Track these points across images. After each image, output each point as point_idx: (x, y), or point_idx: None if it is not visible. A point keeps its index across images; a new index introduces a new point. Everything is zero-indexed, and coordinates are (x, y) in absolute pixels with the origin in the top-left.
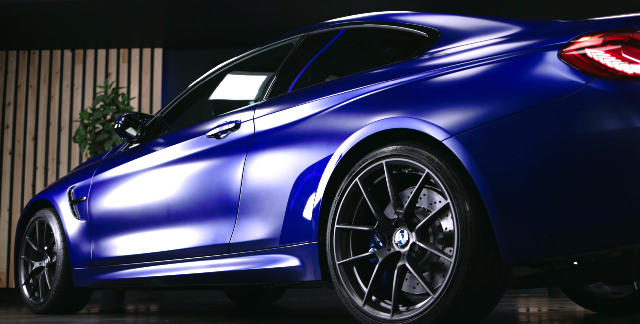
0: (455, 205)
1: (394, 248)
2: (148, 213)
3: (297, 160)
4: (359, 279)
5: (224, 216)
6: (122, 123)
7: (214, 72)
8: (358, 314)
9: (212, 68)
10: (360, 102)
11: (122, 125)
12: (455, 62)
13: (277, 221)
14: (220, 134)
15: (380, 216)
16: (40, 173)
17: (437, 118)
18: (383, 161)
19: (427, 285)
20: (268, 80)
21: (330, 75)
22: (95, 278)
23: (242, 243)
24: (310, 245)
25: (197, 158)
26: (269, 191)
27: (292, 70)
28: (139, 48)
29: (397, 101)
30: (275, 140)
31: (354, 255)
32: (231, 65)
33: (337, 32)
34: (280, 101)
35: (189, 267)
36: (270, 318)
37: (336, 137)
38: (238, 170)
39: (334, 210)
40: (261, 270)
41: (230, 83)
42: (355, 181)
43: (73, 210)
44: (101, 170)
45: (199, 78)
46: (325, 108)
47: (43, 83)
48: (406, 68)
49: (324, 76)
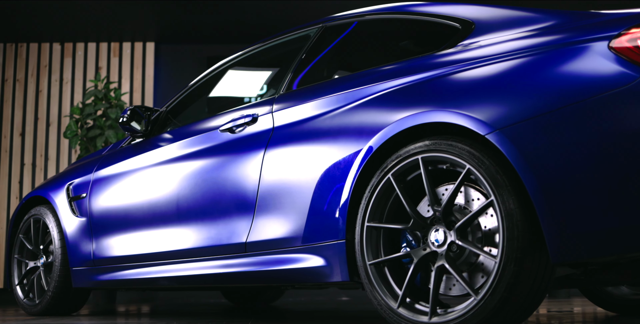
0: (500, 202)
1: (430, 247)
2: (156, 210)
3: (322, 155)
4: (391, 280)
5: (239, 213)
6: (128, 117)
7: (222, 64)
8: (392, 316)
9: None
10: (391, 94)
11: (127, 118)
12: (494, 53)
13: (300, 219)
14: (235, 128)
15: (415, 214)
16: (28, 169)
17: (478, 112)
18: (419, 156)
19: (469, 286)
20: (284, 73)
21: (351, 68)
22: (96, 278)
23: (260, 242)
24: (337, 244)
25: (209, 153)
26: (291, 187)
27: (310, 63)
28: (131, 42)
29: (431, 94)
30: (296, 134)
31: (385, 254)
32: (241, 57)
33: (357, 24)
34: (300, 94)
35: (200, 267)
36: (274, 319)
37: (366, 131)
38: (256, 166)
39: (363, 207)
40: (281, 270)
41: (239, 77)
42: (387, 178)
43: (72, 207)
44: (103, 166)
45: (206, 71)
46: (353, 101)
47: (31, 77)
48: (439, 60)
49: (345, 69)
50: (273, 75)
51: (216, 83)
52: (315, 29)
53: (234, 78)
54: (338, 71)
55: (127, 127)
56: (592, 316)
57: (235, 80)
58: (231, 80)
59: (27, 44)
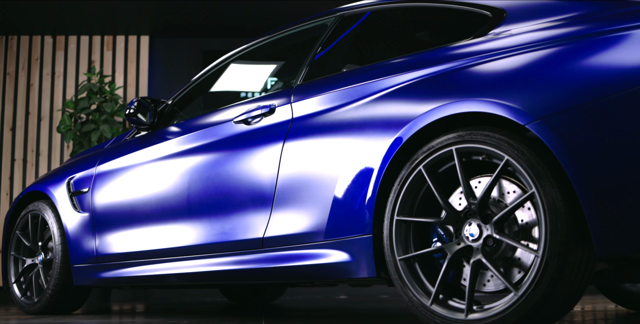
0: (542, 195)
1: (464, 241)
2: (165, 205)
3: (346, 146)
4: (422, 276)
5: (256, 208)
6: (135, 108)
7: (231, 56)
8: (424, 313)
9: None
10: (421, 84)
11: (134, 110)
12: (528, 42)
13: (322, 214)
14: (250, 119)
15: (449, 208)
16: (19, 165)
17: (517, 101)
18: (453, 147)
19: (508, 282)
20: (300, 63)
21: (371, 58)
22: (99, 276)
23: (278, 237)
24: (363, 238)
25: (222, 145)
26: (312, 180)
27: (328, 53)
28: (124, 35)
29: (465, 83)
30: (318, 125)
31: (415, 249)
32: (251, 48)
33: (377, 13)
34: (320, 84)
35: (213, 263)
36: (284, 318)
37: (394, 121)
38: (274, 158)
39: (392, 200)
40: (301, 266)
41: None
42: (418, 170)
43: (73, 202)
44: (106, 160)
45: (214, 62)
46: (379, 91)
47: (22, 70)
48: (471, 48)
49: (365, 59)
50: (283, 66)
51: (224, 74)
52: (332, 18)
53: (243, 70)
54: (357, 61)
55: (133, 119)
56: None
57: (244, 72)
58: (240, 72)
59: (17, 36)
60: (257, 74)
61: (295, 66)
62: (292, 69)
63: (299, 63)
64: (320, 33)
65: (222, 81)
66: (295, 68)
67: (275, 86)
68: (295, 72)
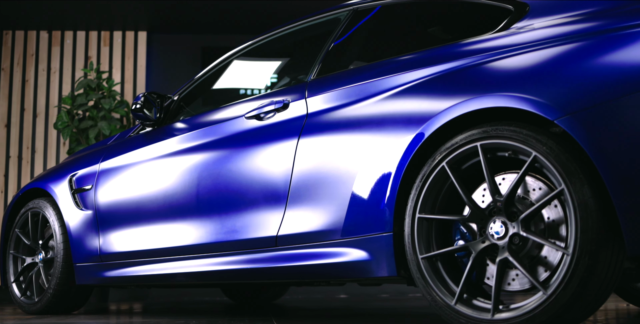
0: (572, 192)
1: (489, 239)
2: (173, 202)
3: (365, 142)
4: (445, 275)
5: (269, 205)
6: (142, 103)
7: (239, 50)
8: (449, 313)
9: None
10: (442, 79)
11: (141, 105)
12: (554, 36)
13: (339, 211)
14: (262, 115)
15: (473, 205)
16: (14, 162)
17: (545, 96)
18: (477, 143)
19: (536, 281)
20: (314, 58)
21: (387, 53)
22: (102, 275)
23: (292, 236)
24: (382, 236)
25: (233, 142)
26: (329, 177)
27: (343, 47)
28: (122, 31)
29: (489, 78)
30: (334, 121)
31: (437, 247)
32: (260, 43)
33: (393, 6)
34: (335, 79)
35: (223, 262)
36: (289, 317)
37: (415, 117)
38: (288, 154)
39: (414, 198)
40: (317, 265)
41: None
42: (441, 166)
43: (75, 199)
44: (110, 156)
45: (221, 57)
46: (398, 86)
47: (17, 66)
48: (493, 42)
49: (381, 53)
50: (293, 61)
51: (231, 70)
52: (345, 12)
53: (250, 65)
54: (373, 56)
55: (140, 114)
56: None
57: (252, 68)
58: (247, 67)
59: (12, 31)
60: (265, 70)
61: (306, 61)
62: (303, 64)
63: (310, 59)
64: (333, 27)
65: (229, 77)
66: (306, 64)
67: (282, 82)
68: (306, 67)
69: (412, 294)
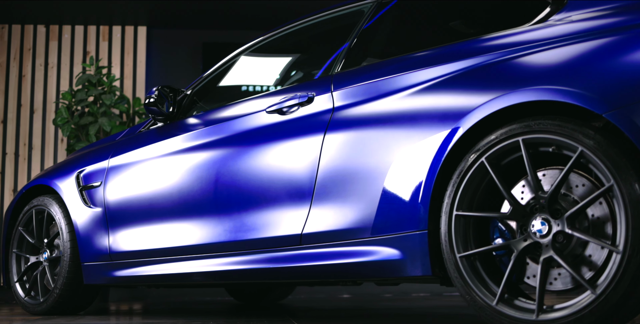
0: (622, 188)
1: (532, 237)
2: (189, 200)
3: (396, 137)
4: (484, 274)
5: (293, 202)
6: (156, 97)
7: (254, 44)
8: (490, 314)
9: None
10: (479, 72)
11: (155, 99)
12: (595, 28)
13: (368, 209)
14: (285, 109)
15: (515, 202)
16: (10, 159)
17: (591, 90)
18: (519, 138)
19: (584, 280)
20: (334, 51)
21: (416, 45)
22: (112, 274)
23: (318, 234)
24: (417, 234)
25: (253, 137)
26: (357, 173)
27: (368, 40)
28: (121, 25)
29: (530, 71)
30: (363, 115)
31: (475, 246)
32: (276, 36)
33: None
34: (363, 72)
35: (243, 261)
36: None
37: (452, 111)
38: (313, 150)
39: (451, 194)
40: (344, 264)
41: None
42: (480, 162)
43: (83, 197)
44: (120, 152)
45: (236, 50)
46: (431, 79)
47: (13, 61)
48: (532, 34)
49: (409, 46)
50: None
51: (245, 65)
52: (369, 4)
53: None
54: (400, 49)
55: (154, 109)
56: None
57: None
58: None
59: (9, 25)
60: (281, 64)
61: (326, 55)
62: (322, 58)
63: (331, 52)
64: (357, 20)
65: (243, 71)
66: (326, 58)
67: (296, 76)
68: (325, 61)
69: (415, 294)
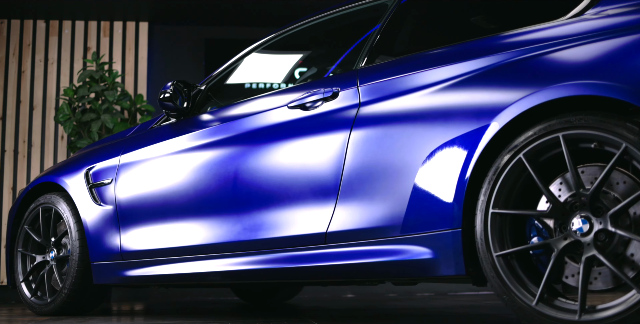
0: None
1: (572, 236)
2: (205, 198)
3: (429, 134)
4: (521, 274)
5: (317, 200)
6: (172, 92)
7: (271, 38)
8: (529, 314)
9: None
10: (514, 66)
11: (170, 94)
12: (634, 21)
13: (398, 207)
14: (308, 104)
15: (554, 199)
16: (9, 156)
17: (634, 84)
18: (559, 134)
19: (629, 279)
20: (361, 45)
21: (443, 39)
22: (123, 274)
23: (344, 232)
24: (450, 233)
25: (274, 133)
26: (386, 170)
27: (392, 34)
28: (122, 21)
29: (570, 65)
30: (391, 110)
31: (512, 244)
32: (294, 31)
33: None
34: (390, 66)
35: (264, 260)
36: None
37: (487, 106)
38: (339, 146)
39: (487, 192)
40: (372, 264)
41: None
42: (518, 158)
43: (92, 194)
44: (132, 148)
45: (252, 45)
46: (462, 74)
47: (12, 56)
48: (569, 28)
49: (436, 40)
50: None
51: (263, 58)
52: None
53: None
54: (426, 43)
55: (169, 104)
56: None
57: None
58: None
59: (8, 20)
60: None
61: (346, 50)
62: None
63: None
64: (380, 14)
65: (258, 67)
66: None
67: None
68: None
69: (420, 294)
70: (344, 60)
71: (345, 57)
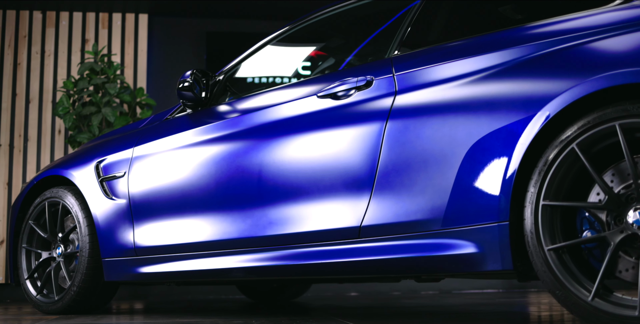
0: None
1: (629, 229)
2: (228, 191)
3: (472, 124)
4: (574, 268)
5: (350, 192)
6: (191, 82)
7: (292, 27)
8: (585, 310)
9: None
10: (561, 54)
11: (190, 83)
12: None
13: (439, 199)
14: (340, 93)
15: (610, 191)
16: (5, 151)
17: None
18: (615, 123)
19: None
20: (392, 32)
21: (479, 27)
22: (137, 271)
23: (379, 226)
24: (496, 226)
25: (303, 123)
26: (426, 161)
27: (426, 21)
28: (121, 13)
29: (622, 52)
30: (430, 99)
31: (563, 238)
32: (317, 19)
33: None
34: (426, 54)
35: (290, 256)
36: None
37: (536, 95)
38: (374, 136)
39: (537, 183)
40: (411, 259)
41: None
42: (571, 148)
43: (104, 188)
44: (146, 140)
45: (272, 34)
46: (506, 62)
47: (8, 48)
48: (618, 14)
49: (472, 28)
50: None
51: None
52: None
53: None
54: (461, 31)
55: (187, 94)
56: None
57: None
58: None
59: (3, 11)
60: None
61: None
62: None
63: (383, 36)
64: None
65: (277, 57)
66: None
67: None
68: (374, 45)
69: (424, 292)
70: (371, 49)
71: (372, 46)
